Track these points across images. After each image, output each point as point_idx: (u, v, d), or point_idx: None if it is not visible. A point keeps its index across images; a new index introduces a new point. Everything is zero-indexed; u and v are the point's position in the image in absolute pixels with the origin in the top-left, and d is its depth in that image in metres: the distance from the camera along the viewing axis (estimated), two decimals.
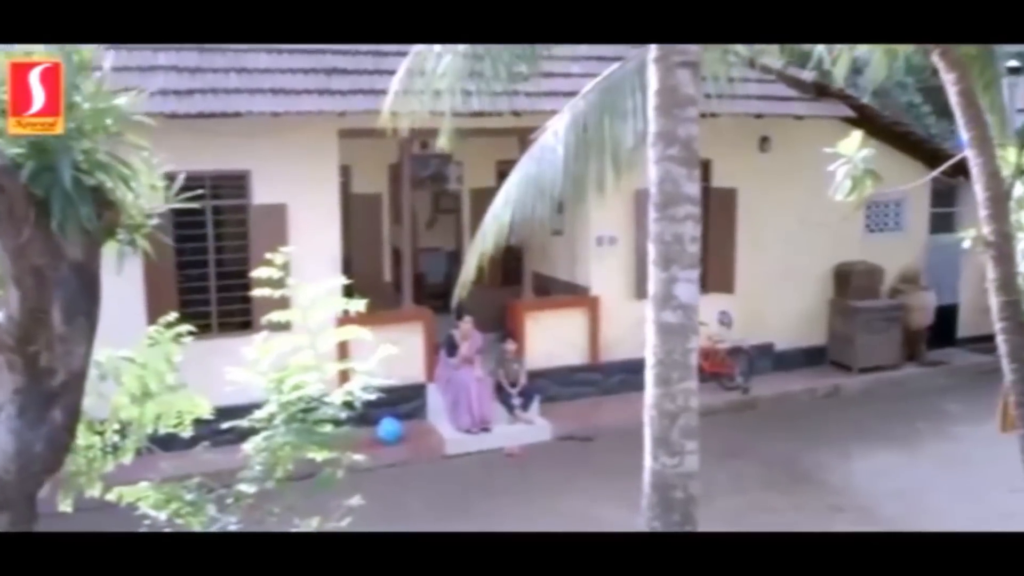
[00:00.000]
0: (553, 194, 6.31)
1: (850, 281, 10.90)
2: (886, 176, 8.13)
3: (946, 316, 11.61)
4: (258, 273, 3.35)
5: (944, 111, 17.83)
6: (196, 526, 3.40)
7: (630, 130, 6.25)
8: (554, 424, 9.12)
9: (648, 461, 4.03)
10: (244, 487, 3.39)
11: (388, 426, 8.61)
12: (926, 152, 11.09)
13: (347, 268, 9.85)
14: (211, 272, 8.38)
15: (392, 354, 3.64)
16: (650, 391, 4.03)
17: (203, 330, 8.51)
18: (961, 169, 11.57)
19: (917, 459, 8.39)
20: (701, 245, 9.74)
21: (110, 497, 3.42)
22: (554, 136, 6.44)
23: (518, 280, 10.37)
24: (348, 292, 8.76)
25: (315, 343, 3.51)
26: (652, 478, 3.99)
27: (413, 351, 9.18)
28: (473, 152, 10.55)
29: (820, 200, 10.63)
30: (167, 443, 3.52)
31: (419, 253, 12.03)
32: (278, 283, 3.38)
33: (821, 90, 10.26)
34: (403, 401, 9.11)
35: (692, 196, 3.98)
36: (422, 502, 7.54)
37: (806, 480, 7.90)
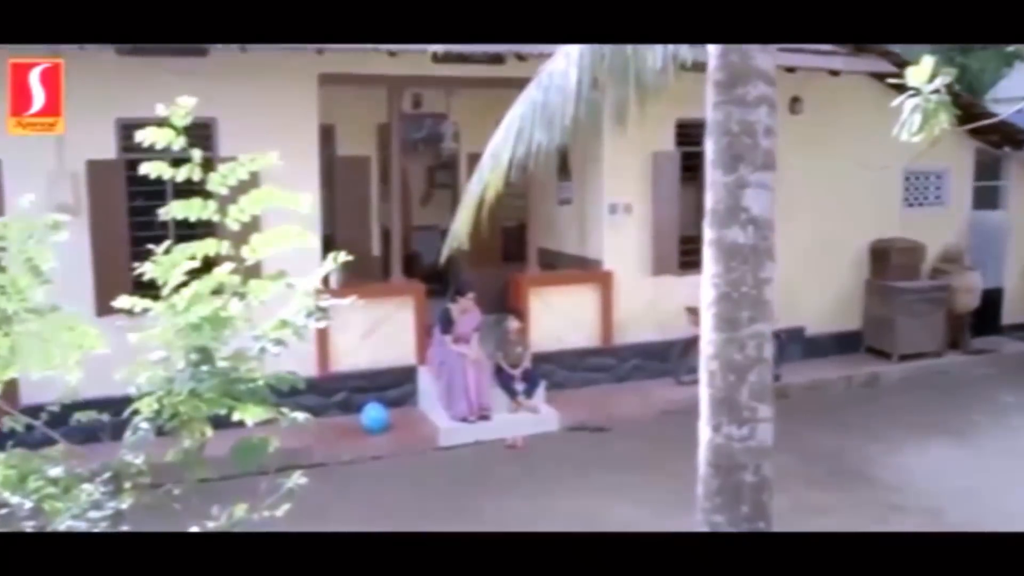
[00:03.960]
0: (563, 124, 5.24)
1: (889, 259, 9.84)
2: (925, 148, 7.08)
3: (989, 300, 10.55)
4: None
5: (970, 89, 16.96)
6: (63, 515, 2.32)
7: (659, 48, 5.19)
8: (562, 413, 8.05)
9: (706, 433, 2.95)
10: (130, 457, 2.33)
11: (373, 413, 7.57)
12: (972, 119, 10.04)
13: (330, 241, 8.81)
14: (171, 237, 7.29)
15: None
16: (708, 337, 2.96)
17: None
18: (1009, 139, 10.61)
19: (980, 454, 7.34)
20: None
21: None
22: (565, 59, 5.38)
23: (520, 257, 9.32)
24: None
25: (238, 249, 2.42)
26: (712, 455, 2.92)
27: (402, 329, 8.14)
28: (471, 111, 9.49)
29: (855, 170, 9.72)
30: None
31: (412, 231, 10.99)
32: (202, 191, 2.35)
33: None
34: (391, 385, 8.08)
35: (766, 72, 2.94)
36: (411, 499, 6.49)
37: (857, 477, 6.83)
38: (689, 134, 9.18)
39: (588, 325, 8.87)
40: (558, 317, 8.72)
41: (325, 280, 6.89)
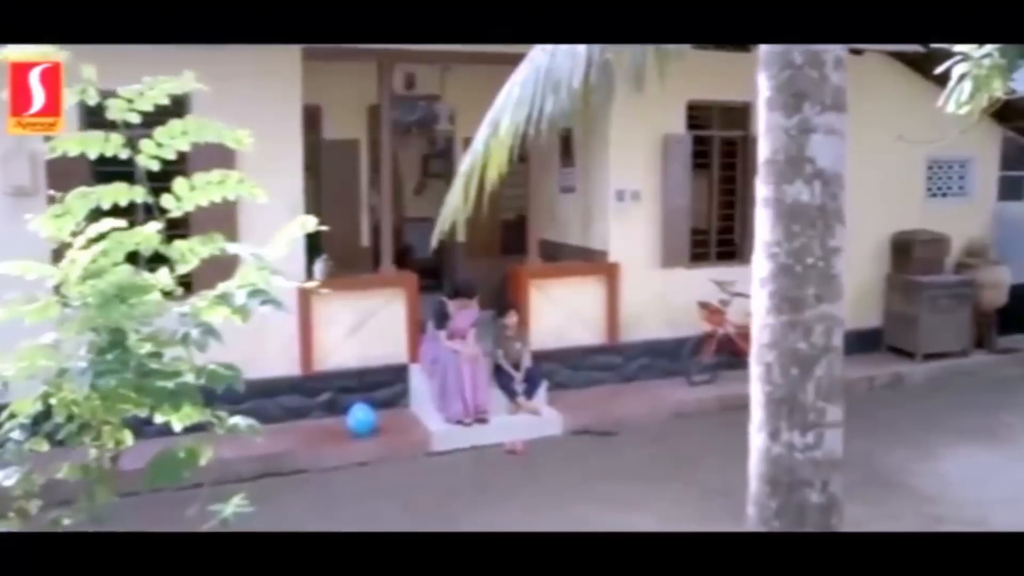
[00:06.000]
0: (572, 88, 4.64)
1: (912, 252, 9.26)
2: (952, 131, 6.52)
3: (1015, 297, 9.97)
4: None
5: None
6: None
7: None
8: (565, 415, 7.46)
9: (759, 441, 2.36)
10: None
11: (360, 415, 6.97)
12: (1000, 106, 9.48)
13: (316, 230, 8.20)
14: (140, 219, 6.68)
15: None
16: (763, 321, 2.36)
17: None
18: None
19: (1018, 460, 6.77)
20: (739, 205, 7.72)
21: None
22: None
23: (520, 250, 8.73)
24: (314, 246, 6.77)
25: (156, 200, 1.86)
26: (768, 469, 2.33)
27: (393, 324, 7.53)
28: (467, 92, 8.87)
29: (875, 157, 9.14)
30: None
31: (405, 223, 10.42)
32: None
33: None
34: (380, 385, 7.48)
35: None
36: (400, 508, 5.90)
37: (890, 485, 6.25)
38: (701, 116, 8.62)
39: (593, 321, 8.28)
40: (561, 312, 8.13)
41: (309, 273, 6.02)
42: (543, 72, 4.73)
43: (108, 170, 6.27)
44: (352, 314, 7.37)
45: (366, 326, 7.41)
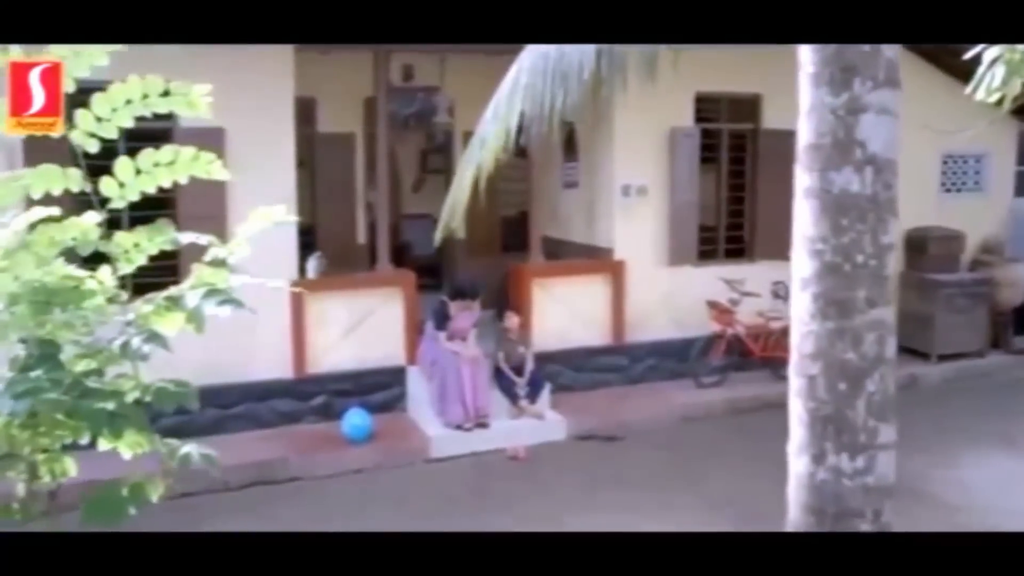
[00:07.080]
0: (582, 78, 4.35)
1: (927, 250, 8.97)
2: (976, 124, 6.21)
3: None
4: None
5: None
6: None
7: None
8: (569, 419, 7.18)
9: (801, 465, 2.07)
10: None
11: (356, 420, 6.69)
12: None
13: (310, 228, 7.93)
14: (125, 217, 6.38)
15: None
16: (805, 328, 2.06)
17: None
18: None
19: None
20: (748, 201, 7.35)
21: None
22: None
23: (521, 247, 8.44)
24: (309, 243, 6.46)
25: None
26: (812, 497, 2.04)
27: (390, 325, 7.25)
28: (468, 83, 8.56)
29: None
30: None
31: (402, 219, 10.14)
32: None
33: None
34: (376, 388, 7.21)
35: None
36: (397, 517, 5.66)
37: (913, 493, 5.93)
38: (709, 109, 8.32)
39: (597, 321, 8.00)
40: (564, 312, 7.84)
41: (302, 270, 5.68)
42: (551, 61, 4.44)
43: (89, 163, 5.90)
44: (347, 314, 7.09)
45: (362, 326, 7.12)
